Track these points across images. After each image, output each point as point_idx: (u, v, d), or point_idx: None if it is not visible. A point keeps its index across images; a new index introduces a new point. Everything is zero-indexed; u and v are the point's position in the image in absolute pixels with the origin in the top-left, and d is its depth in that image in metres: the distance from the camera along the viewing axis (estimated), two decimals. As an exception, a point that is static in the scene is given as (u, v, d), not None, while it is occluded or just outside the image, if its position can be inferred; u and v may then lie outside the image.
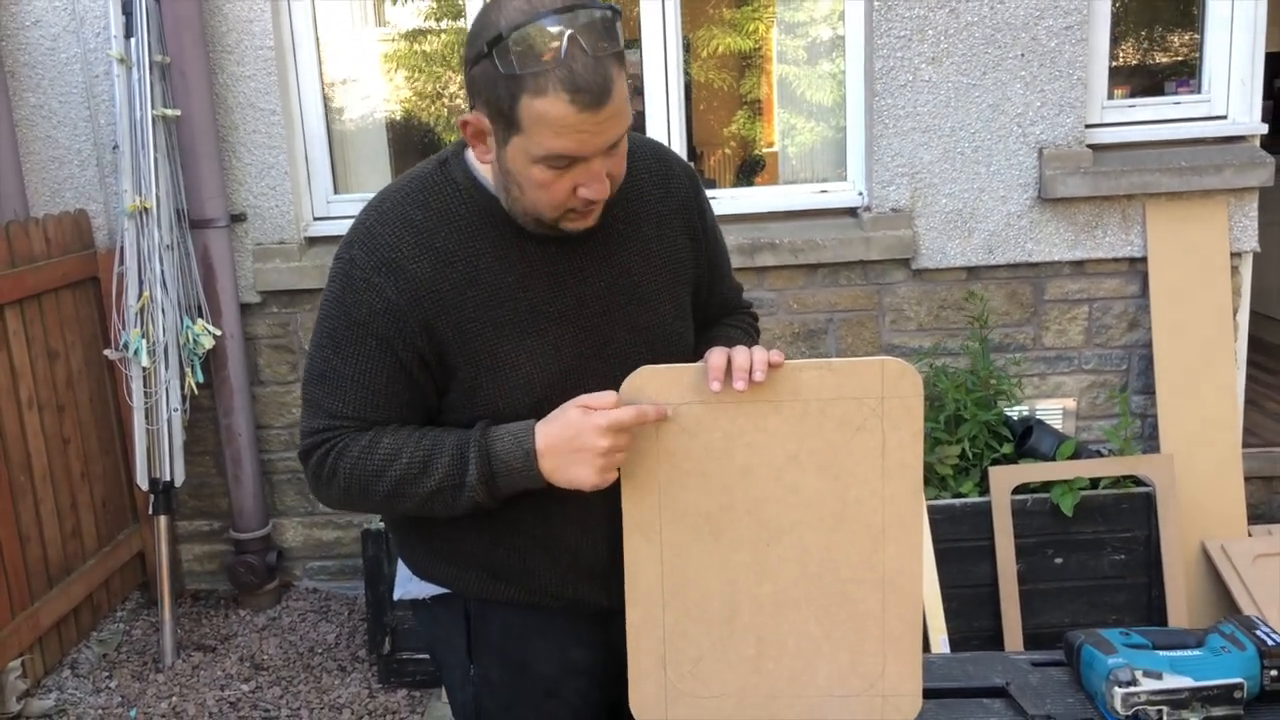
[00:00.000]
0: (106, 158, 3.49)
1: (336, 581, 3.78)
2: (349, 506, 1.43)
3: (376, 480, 1.36)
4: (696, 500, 1.34)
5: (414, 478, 1.35)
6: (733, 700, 1.38)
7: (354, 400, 1.37)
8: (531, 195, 1.29)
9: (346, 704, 3.06)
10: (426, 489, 1.34)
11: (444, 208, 1.37)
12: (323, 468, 1.39)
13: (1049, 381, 3.55)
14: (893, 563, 1.34)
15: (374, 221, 1.37)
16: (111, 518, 3.56)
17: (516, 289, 1.36)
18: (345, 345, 1.36)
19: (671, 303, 1.47)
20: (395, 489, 1.36)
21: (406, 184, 1.40)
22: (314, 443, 1.40)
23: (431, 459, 1.34)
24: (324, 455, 1.39)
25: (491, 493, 1.34)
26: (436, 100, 3.90)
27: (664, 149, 1.55)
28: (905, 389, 1.30)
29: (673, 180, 1.50)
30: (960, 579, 3.02)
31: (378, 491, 1.36)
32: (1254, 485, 3.54)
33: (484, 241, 1.36)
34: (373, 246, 1.35)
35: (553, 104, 1.19)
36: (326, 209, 3.66)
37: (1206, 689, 1.30)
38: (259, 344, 3.62)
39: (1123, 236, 3.42)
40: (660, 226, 1.47)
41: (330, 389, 1.38)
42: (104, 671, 3.26)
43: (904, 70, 3.35)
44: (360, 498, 1.39)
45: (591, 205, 1.31)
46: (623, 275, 1.42)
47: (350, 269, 1.36)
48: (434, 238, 1.35)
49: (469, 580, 1.49)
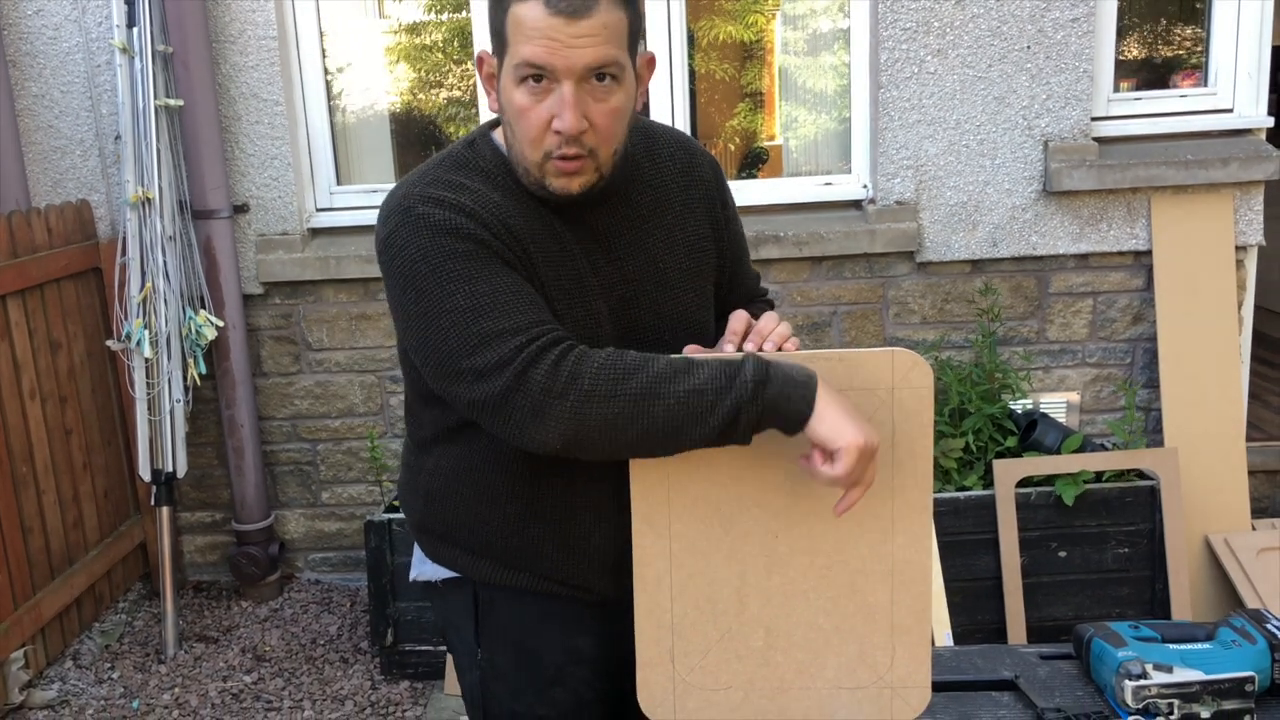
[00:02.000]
0: (109, 148, 3.48)
1: (339, 573, 3.78)
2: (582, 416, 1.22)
3: (629, 377, 1.21)
4: (705, 492, 1.33)
5: (672, 375, 1.21)
6: (740, 692, 1.38)
7: (527, 308, 1.25)
8: (518, 130, 1.30)
9: (349, 695, 3.06)
10: (686, 385, 1.20)
11: (485, 173, 1.36)
12: (559, 371, 1.22)
13: (1053, 375, 3.54)
14: (901, 554, 1.33)
15: (424, 186, 1.32)
16: (113, 509, 3.56)
17: (562, 257, 1.36)
18: (471, 271, 1.25)
19: (695, 291, 1.48)
20: (650, 386, 1.20)
21: (440, 160, 1.39)
22: (535, 350, 1.22)
23: (693, 365, 1.23)
24: (558, 358, 1.22)
25: (757, 398, 1.20)
26: (439, 92, 3.89)
27: (688, 139, 1.56)
28: (916, 380, 1.29)
29: (696, 169, 1.51)
30: (964, 572, 3.01)
31: (628, 390, 1.20)
32: (1258, 479, 3.54)
33: (524, 212, 1.35)
34: (435, 202, 1.28)
35: (530, 8, 1.23)
36: (329, 200, 3.65)
37: (1217, 682, 1.29)
38: (261, 335, 3.61)
39: (1128, 230, 3.41)
40: (684, 214, 1.47)
41: (499, 314, 1.23)
42: (106, 662, 3.26)
43: (909, 62, 3.34)
44: (605, 402, 1.20)
45: (569, 152, 1.28)
46: (649, 261, 1.43)
47: (421, 227, 1.27)
48: (488, 196, 1.32)
49: (479, 565, 1.50)
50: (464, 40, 3.69)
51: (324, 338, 3.60)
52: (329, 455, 3.70)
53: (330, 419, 3.66)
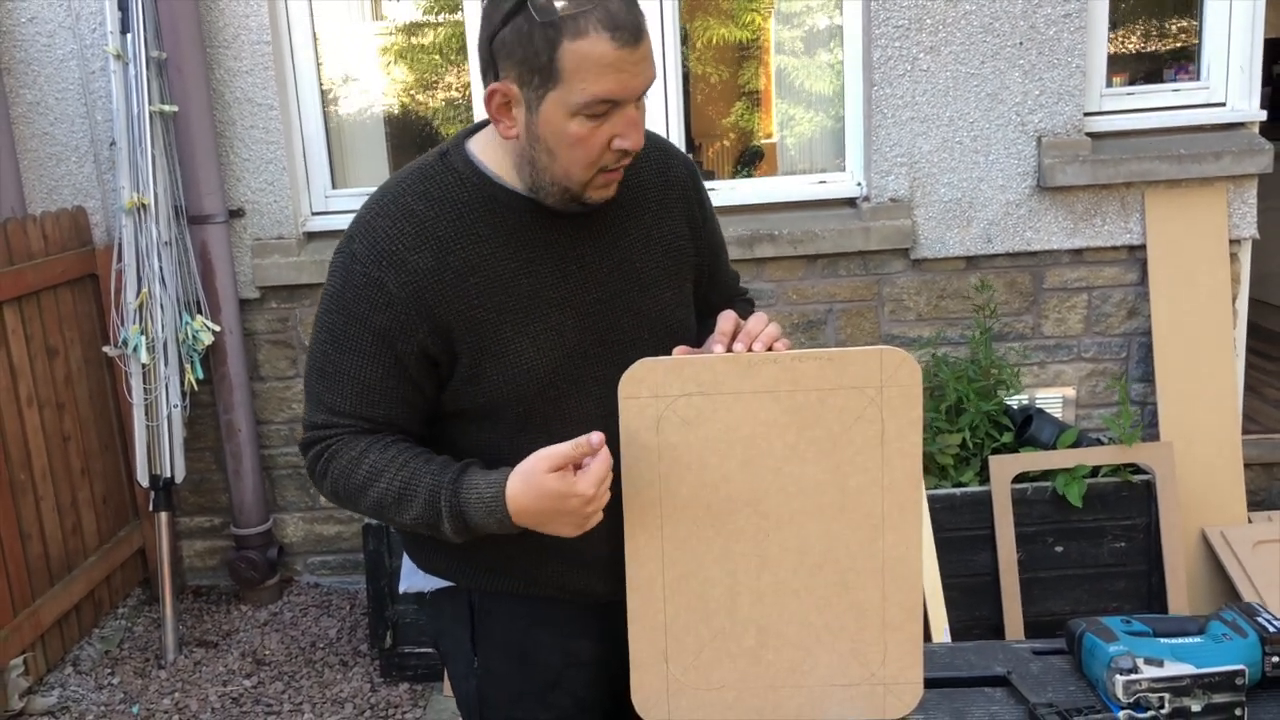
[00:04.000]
0: (104, 154, 3.48)
1: (337, 576, 3.78)
2: (349, 509, 1.47)
3: (360, 495, 1.39)
4: (696, 492, 1.33)
5: (392, 504, 1.37)
6: (734, 691, 1.38)
7: (351, 396, 1.38)
8: (565, 157, 1.30)
9: (348, 698, 3.06)
10: (406, 519, 1.37)
11: (445, 196, 1.36)
12: (315, 466, 1.43)
13: (1049, 370, 3.55)
14: (893, 551, 1.34)
15: (374, 214, 1.37)
16: (112, 514, 3.56)
17: (519, 274, 1.37)
18: (344, 340, 1.37)
19: (673, 290, 1.48)
20: (376, 509, 1.38)
21: (406, 175, 1.40)
22: (312, 439, 1.43)
23: (406, 494, 1.35)
24: (317, 455, 1.42)
25: (462, 532, 1.34)
26: (434, 94, 3.89)
27: (662, 139, 1.57)
28: (904, 378, 1.30)
29: (672, 169, 1.51)
30: (961, 568, 3.02)
31: (361, 505, 1.40)
32: (1254, 472, 3.54)
33: (485, 228, 1.36)
34: (373, 239, 1.35)
35: (594, 43, 1.21)
36: (325, 204, 3.65)
37: (1208, 676, 1.30)
38: (258, 339, 3.62)
39: (1122, 224, 3.41)
40: (661, 214, 1.48)
41: (329, 384, 1.39)
42: (106, 668, 3.26)
43: (902, 60, 3.34)
44: (351, 506, 1.42)
45: (623, 162, 1.33)
46: (624, 262, 1.43)
47: (350, 263, 1.36)
48: (435, 227, 1.35)
49: (472, 573, 1.50)
50: (459, 42, 3.69)
51: (321, 341, 3.60)
52: (327, 458, 3.70)
53: (328, 422, 3.66)
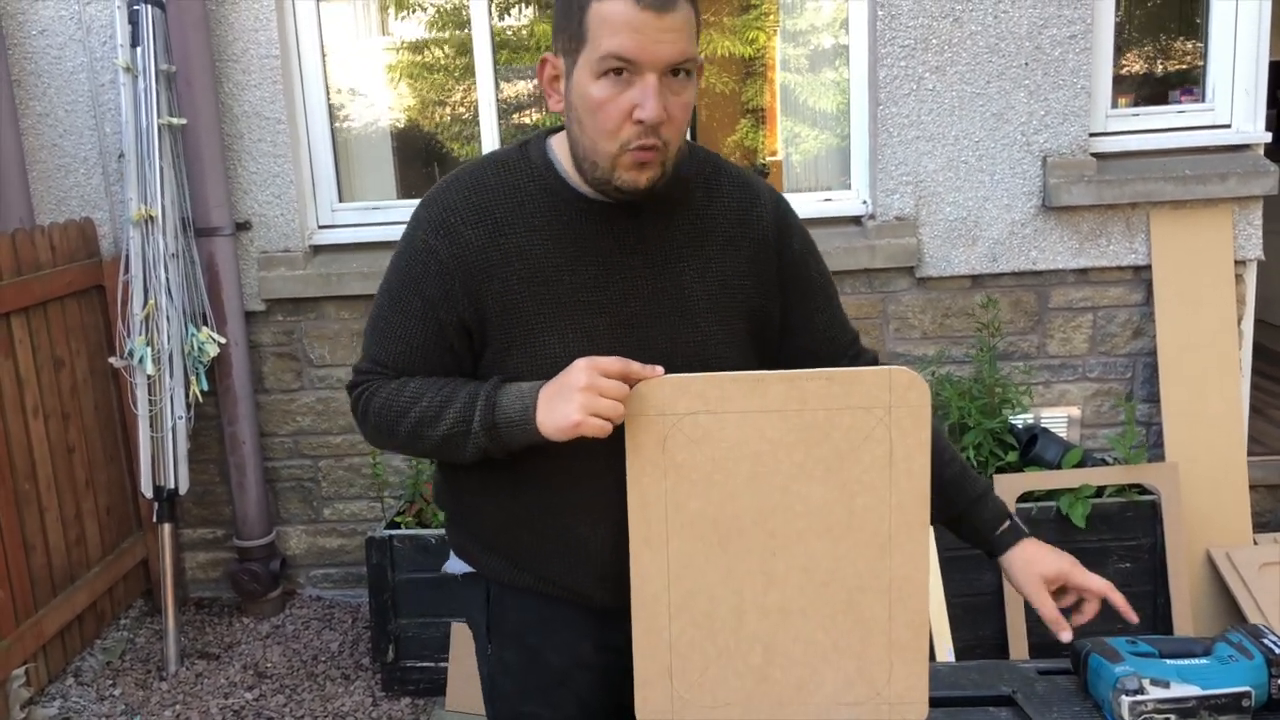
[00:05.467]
0: (112, 166, 3.50)
1: (340, 589, 3.78)
2: (383, 446, 1.51)
3: (399, 421, 1.43)
4: (703, 510, 1.33)
5: (430, 421, 1.40)
6: (739, 709, 1.38)
7: (395, 353, 1.46)
8: (590, 125, 1.32)
9: (350, 712, 3.06)
10: (439, 433, 1.40)
11: (512, 182, 1.42)
12: (358, 404, 1.49)
13: (1053, 390, 3.54)
14: (899, 570, 1.34)
15: (444, 186, 1.45)
16: (115, 525, 3.56)
17: (563, 270, 1.40)
18: (396, 299, 1.45)
19: (721, 325, 1.46)
20: (414, 430, 1.41)
21: (485, 158, 1.48)
22: (355, 382, 1.51)
23: (446, 406, 1.39)
24: (359, 394, 1.49)
25: (493, 440, 1.36)
26: (441, 110, 3.91)
27: (755, 181, 1.54)
28: (913, 399, 1.30)
29: (754, 211, 1.49)
30: (965, 588, 3.01)
31: (400, 432, 1.43)
32: (1259, 493, 3.54)
33: (540, 219, 1.41)
34: (436, 210, 1.42)
35: (617, 3, 1.27)
36: (331, 217, 3.67)
37: (1214, 697, 1.29)
38: (264, 352, 3.62)
39: (1127, 245, 3.42)
40: (727, 250, 1.46)
41: (379, 336, 1.48)
42: (108, 679, 3.26)
43: (908, 79, 3.36)
44: (389, 437, 1.46)
45: (646, 140, 1.31)
46: (673, 286, 1.43)
47: (414, 228, 1.44)
48: (495, 208, 1.41)
49: (491, 563, 1.54)
50: (466, 58, 3.71)
51: (325, 354, 3.61)
52: (330, 472, 3.71)
53: (332, 435, 3.67)
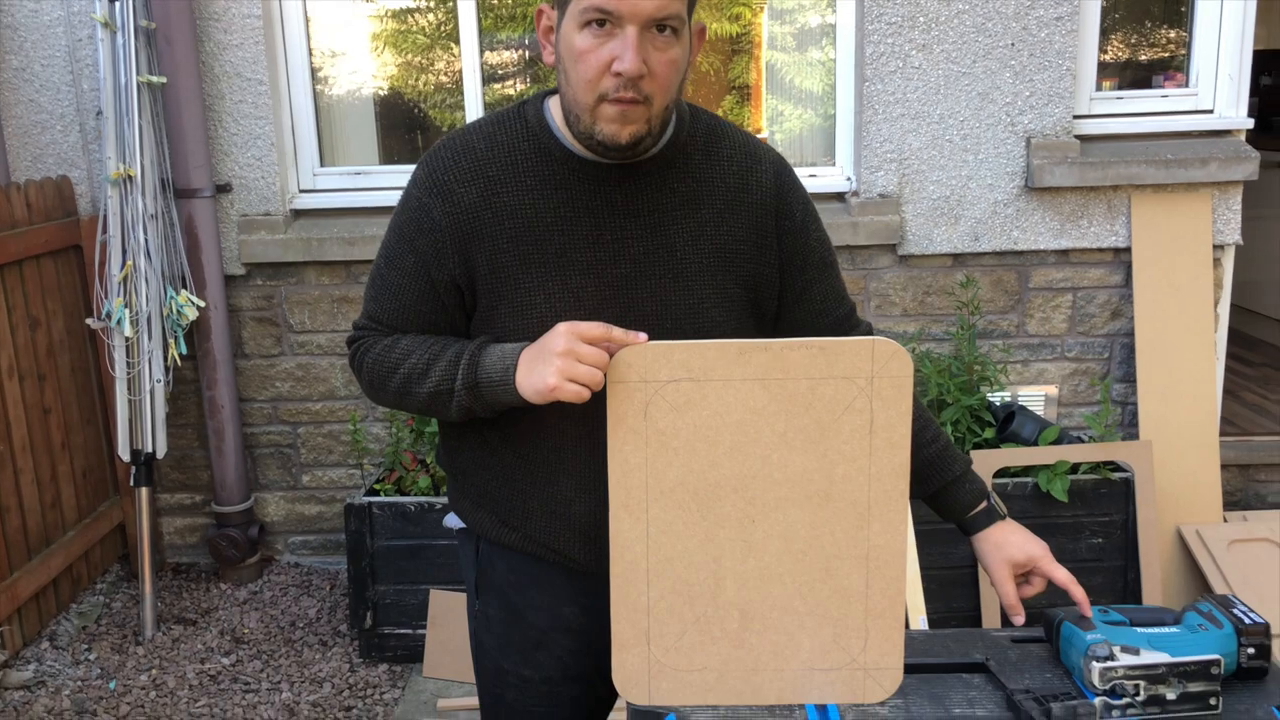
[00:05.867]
0: (90, 124, 3.45)
1: (318, 556, 3.78)
2: (378, 401, 1.53)
3: (390, 377, 1.45)
4: (683, 477, 1.34)
5: (418, 378, 1.42)
6: (715, 674, 1.39)
7: (390, 309, 1.48)
8: (573, 76, 1.33)
9: (327, 678, 3.06)
10: (426, 390, 1.42)
11: (507, 141, 1.43)
12: (354, 357, 1.52)
13: (1032, 368, 3.57)
14: (877, 539, 1.35)
15: (441, 145, 1.46)
16: (92, 489, 3.54)
17: (553, 229, 1.41)
18: (393, 257, 1.47)
19: (714, 288, 1.46)
20: (403, 387, 1.44)
21: (483, 119, 1.49)
22: (352, 337, 1.54)
23: (433, 363, 1.42)
24: (355, 350, 1.52)
25: (475, 399, 1.38)
26: (425, 77, 3.87)
27: (760, 147, 1.53)
28: (895, 369, 1.30)
29: (755, 175, 1.48)
30: (940, 560, 3.04)
31: (390, 388, 1.46)
32: (1230, 473, 3.59)
33: (533, 178, 1.42)
34: (431, 168, 1.45)
35: None
36: (313, 181, 3.64)
37: (1183, 665, 1.31)
38: (243, 316, 3.60)
39: (1108, 227, 3.44)
40: (724, 214, 1.46)
41: (376, 293, 1.50)
42: (83, 643, 3.25)
43: (894, 57, 3.35)
44: (381, 393, 1.49)
45: (624, 93, 1.30)
46: (665, 248, 1.43)
47: (411, 186, 1.47)
48: (488, 167, 1.42)
49: (480, 520, 1.56)
50: (451, 24, 3.68)
51: (306, 320, 3.59)
52: (310, 438, 3.70)
53: (311, 402, 3.66)
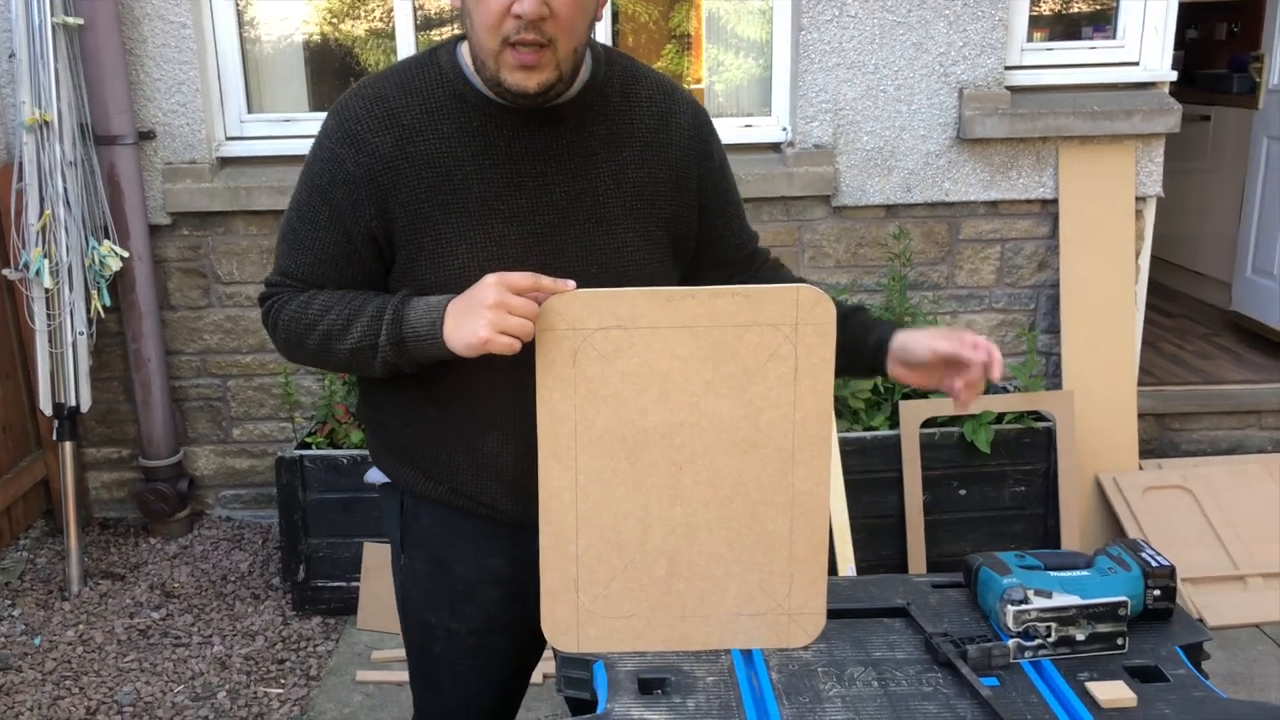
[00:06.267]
0: (2, 66, 3.32)
1: (250, 510, 3.74)
2: (295, 359, 1.49)
3: (308, 334, 1.42)
4: (612, 425, 1.35)
5: (338, 334, 1.39)
6: (643, 620, 1.41)
7: (304, 264, 1.44)
8: (476, 21, 1.31)
9: (260, 631, 3.05)
10: (347, 346, 1.39)
11: (421, 89, 1.40)
12: (268, 316, 1.47)
13: (960, 319, 3.64)
14: (801, 485, 1.37)
15: (351, 95, 1.42)
16: (13, 443, 3.45)
17: (472, 178, 1.38)
18: (304, 210, 1.43)
19: (636, 231, 1.46)
20: (322, 344, 1.41)
21: (395, 65, 1.46)
22: (265, 294, 1.49)
23: (354, 318, 1.39)
24: (269, 307, 1.48)
25: (401, 354, 1.36)
26: (356, 22, 3.78)
27: (677, 89, 1.53)
28: (819, 316, 1.32)
29: (674, 118, 1.48)
30: (869, 509, 3.11)
31: (308, 346, 1.43)
32: (1147, 422, 3.70)
33: (451, 126, 1.39)
34: (342, 118, 1.40)
35: None
36: (240, 129, 3.54)
37: (1093, 606, 1.36)
38: (169, 267, 3.51)
39: (1036, 178, 3.50)
40: (644, 156, 1.46)
41: (289, 248, 1.46)
42: (6, 600, 3.19)
43: (831, 4, 3.35)
44: (299, 351, 1.46)
45: (527, 38, 1.28)
46: (586, 192, 1.42)
47: (322, 138, 1.42)
48: (403, 115, 1.39)
49: (405, 474, 1.55)
50: (380, -33, 3.58)
51: (234, 271, 3.52)
52: (240, 391, 3.64)
53: (241, 354, 3.60)
